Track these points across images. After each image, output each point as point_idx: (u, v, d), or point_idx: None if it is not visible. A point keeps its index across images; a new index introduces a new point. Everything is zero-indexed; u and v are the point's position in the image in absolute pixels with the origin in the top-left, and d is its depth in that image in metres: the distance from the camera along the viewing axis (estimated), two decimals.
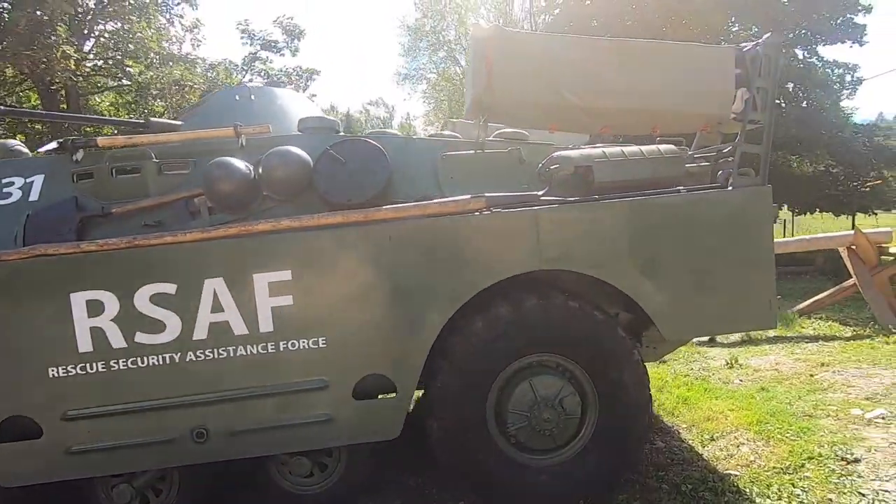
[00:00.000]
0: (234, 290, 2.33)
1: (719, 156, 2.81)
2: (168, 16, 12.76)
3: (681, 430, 3.42)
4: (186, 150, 2.65)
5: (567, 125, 2.67)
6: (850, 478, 2.65)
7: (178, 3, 13.18)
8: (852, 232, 5.04)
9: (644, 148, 2.76)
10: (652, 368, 4.47)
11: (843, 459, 2.80)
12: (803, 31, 14.03)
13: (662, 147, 2.77)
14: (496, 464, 2.56)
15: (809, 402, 3.54)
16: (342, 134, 2.94)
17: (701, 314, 2.57)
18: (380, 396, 2.49)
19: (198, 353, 2.33)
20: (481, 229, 2.41)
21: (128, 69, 11.95)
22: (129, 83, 12.37)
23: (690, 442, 3.26)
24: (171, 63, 11.85)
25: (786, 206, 17.15)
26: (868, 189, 14.71)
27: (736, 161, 2.51)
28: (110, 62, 12.32)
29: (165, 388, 2.34)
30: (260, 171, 2.46)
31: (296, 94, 3.68)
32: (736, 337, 5.24)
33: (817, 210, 17.00)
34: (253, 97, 3.16)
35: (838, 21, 13.65)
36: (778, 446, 3.03)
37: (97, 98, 13.47)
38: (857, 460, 2.79)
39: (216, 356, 2.35)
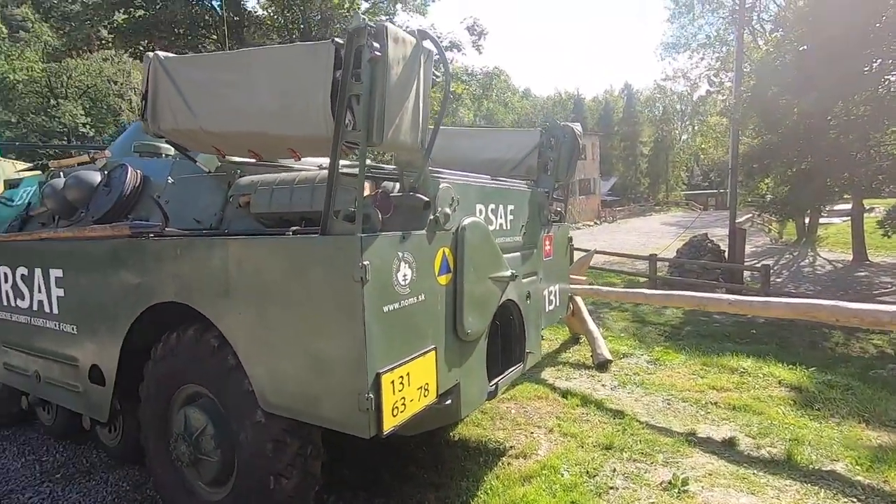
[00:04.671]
0: (45, 278, 3.16)
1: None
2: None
3: None
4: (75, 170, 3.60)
5: (231, 152, 2.44)
6: None
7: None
8: None
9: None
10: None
11: None
12: None
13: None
14: (168, 477, 2.70)
15: None
16: (168, 157, 3.37)
17: (289, 392, 2.03)
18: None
19: (33, 320, 3.28)
20: (133, 255, 2.54)
21: None
22: None
23: None
24: None
25: None
26: None
27: (329, 197, 1.83)
28: None
29: (25, 340, 3.38)
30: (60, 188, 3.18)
31: None
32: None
33: None
34: None
35: None
36: None
37: None
38: None
39: (40, 324, 3.24)
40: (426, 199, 2.10)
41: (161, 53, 2.44)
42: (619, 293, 5.65)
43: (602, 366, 5.07)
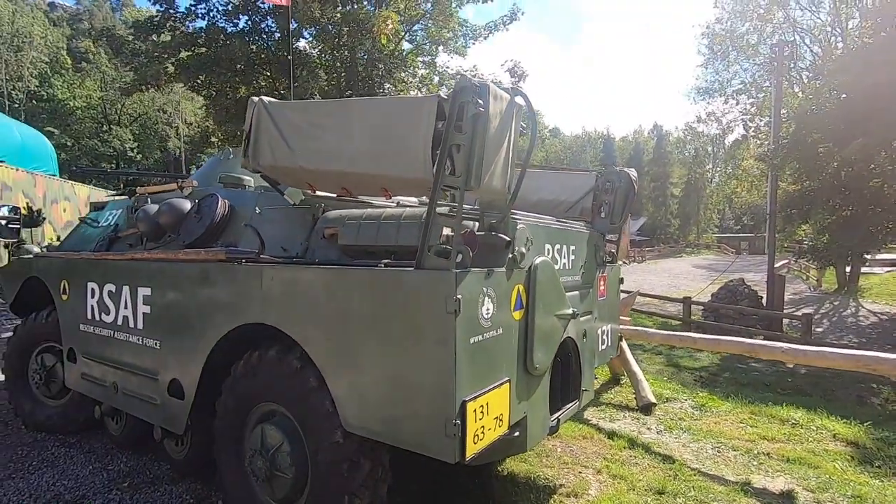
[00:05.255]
0: (132, 295, 3.41)
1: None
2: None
3: None
4: (162, 197, 3.92)
5: (323, 188, 2.67)
6: None
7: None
8: None
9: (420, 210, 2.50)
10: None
11: None
12: None
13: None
14: (239, 491, 2.82)
15: None
16: (251, 189, 3.64)
17: (374, 415, 2.15)
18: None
19: (116, 334, 3.52)
20: (225, 277, 2.74)
21: None
22: None
23: None
24: None
25: None
26: None
27: (425, 234, 2.00)
28: None
29: (106, 352, 3.62)
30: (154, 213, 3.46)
31: None
32: None
33: None
34: (231, 156, 4.22)
35: None
36: None
37: None
38: None
39: (123, 338, 3.48)
40: (508, 238, 2.25)
41: (265, 98, 2.71)
42: (665, 335, 5.63)
43: (646, 408, 5.03)
